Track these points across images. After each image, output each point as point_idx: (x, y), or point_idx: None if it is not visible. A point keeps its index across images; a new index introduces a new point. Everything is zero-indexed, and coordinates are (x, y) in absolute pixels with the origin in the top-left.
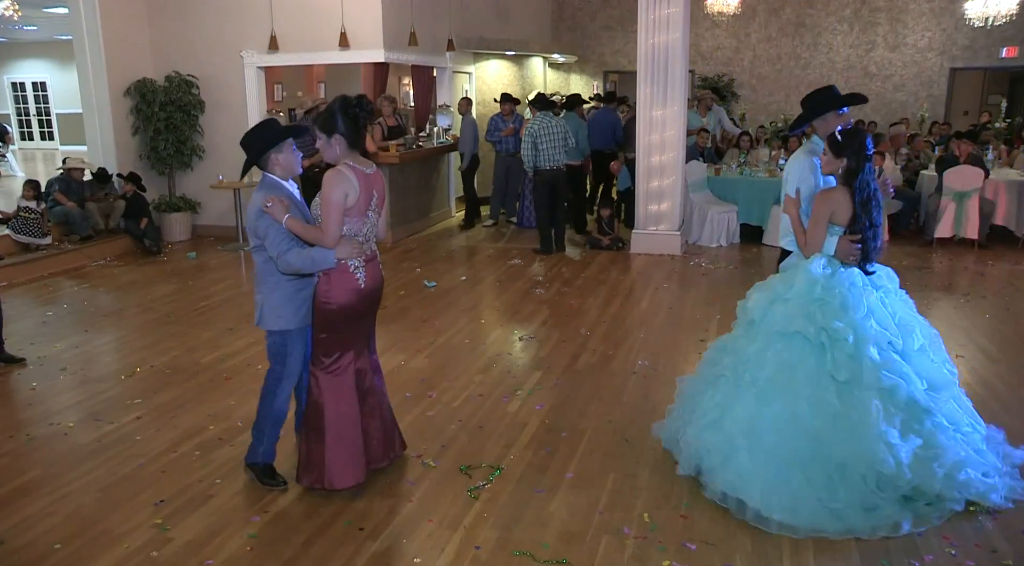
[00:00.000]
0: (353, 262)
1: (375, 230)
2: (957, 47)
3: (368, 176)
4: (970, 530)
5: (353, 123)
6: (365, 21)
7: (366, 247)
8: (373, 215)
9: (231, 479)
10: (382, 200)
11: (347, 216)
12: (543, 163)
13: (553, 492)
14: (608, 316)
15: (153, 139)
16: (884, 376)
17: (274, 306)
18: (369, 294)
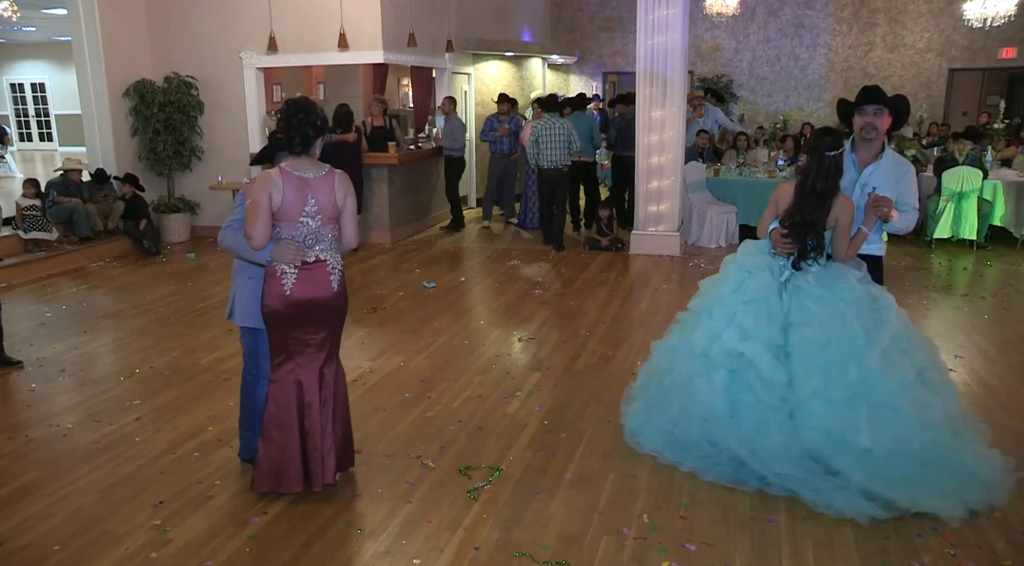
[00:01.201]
0: (282, 267)
1: (324, 237)
2: (956, 48)
3: (305, 180)
4: (970, 531)
5: (292, 129)
6: (364, 22)
7: (307, 254)
8: (311, 221)
9: (230, 480)
10: (329, 207)
11: (277, 219)
12: (544, 162)
13: (552, 493)
14: (607, 317)
15: (152, 140)
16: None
17: (244, 301)
18: (298, 304)
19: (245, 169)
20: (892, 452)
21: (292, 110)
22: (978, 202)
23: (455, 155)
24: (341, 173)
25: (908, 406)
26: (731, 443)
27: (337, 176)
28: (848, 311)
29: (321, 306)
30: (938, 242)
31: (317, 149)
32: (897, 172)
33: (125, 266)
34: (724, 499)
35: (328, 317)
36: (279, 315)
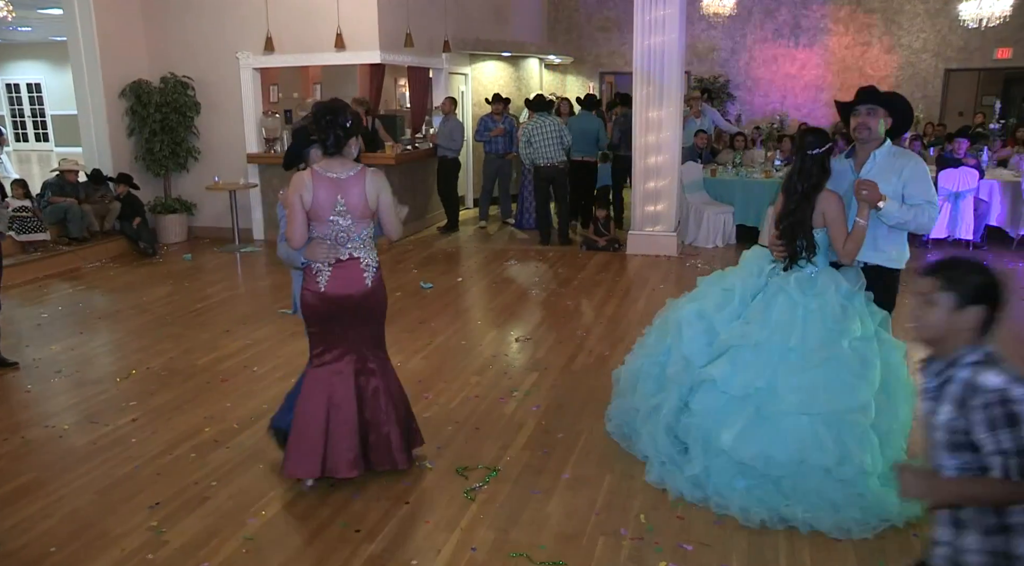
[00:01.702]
0: (317, 265)
1: (356, 235)
2: (951, 48)
3: (335, 181)
4: None
5: (322, 130)
6: (361, 22)
7: (340, 252)
8: (342, 220)
9: (227, 481)
10: (360, 206)
11: (310, 219)
12: (540, 160)
13: (550, 493)
14: (604, 317)
15: (148, 141)
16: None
17: (295, 296)
18: (333, 300)
19: (242, 169)
20: (765, 459)
21: (321, 112)
22: (974, 202)
23: (451, 156)
24: (374, 171)
25: (820, 429)
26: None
27: (369, 175)
28: (802, 319)
29: (355, 302)
30: (934, 242)
31: (353, 149)
32: (896, 165)
33: (122, 267)
34: None
35: (363, 312)
36: (316, 310)
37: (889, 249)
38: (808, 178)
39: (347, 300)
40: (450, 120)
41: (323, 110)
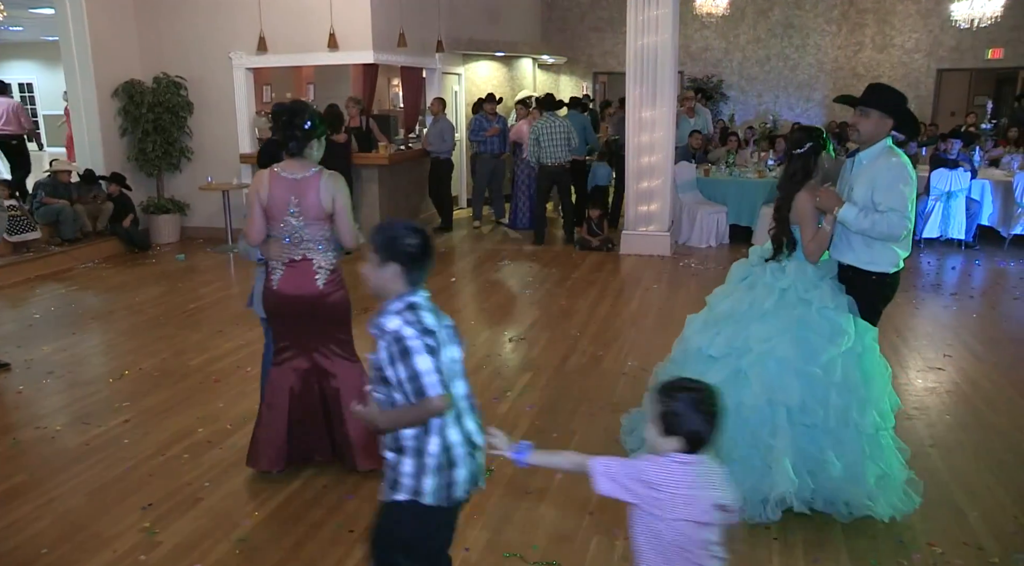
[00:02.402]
0: (272, 263)
1: (311, 237)
2: (944, 48)
3: (291, 181)
4: (958, 529)
5: (280, 131)
6: (354, 22)
7: (293, 252)
8: (294, 220)
9: (220, 482)
10: (313, 208)
11: (267, 218)
12: (546, 159)
13: (543, 493)
14: (598, 317)
15: (141, 141)
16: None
17: (257, 292)
18: (285, 298)
19: (235, 169)
20: (736, 405)
21: (278, 113)
22: (966, 202)
23: (443, 156)
24: (332, 174)
25: (786, 373)
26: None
27: (324, 177)
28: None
29: (307, 303)
30: (927, 241)
31: (315, 150)
32: (872, 170)
33: (114, 267)
34: None
35: (317, 314)
36: (270, 307)
37: (861, 251)
38: (792, 176)
39: (298, 300)
40: (440, 121)
41: (281, 111)
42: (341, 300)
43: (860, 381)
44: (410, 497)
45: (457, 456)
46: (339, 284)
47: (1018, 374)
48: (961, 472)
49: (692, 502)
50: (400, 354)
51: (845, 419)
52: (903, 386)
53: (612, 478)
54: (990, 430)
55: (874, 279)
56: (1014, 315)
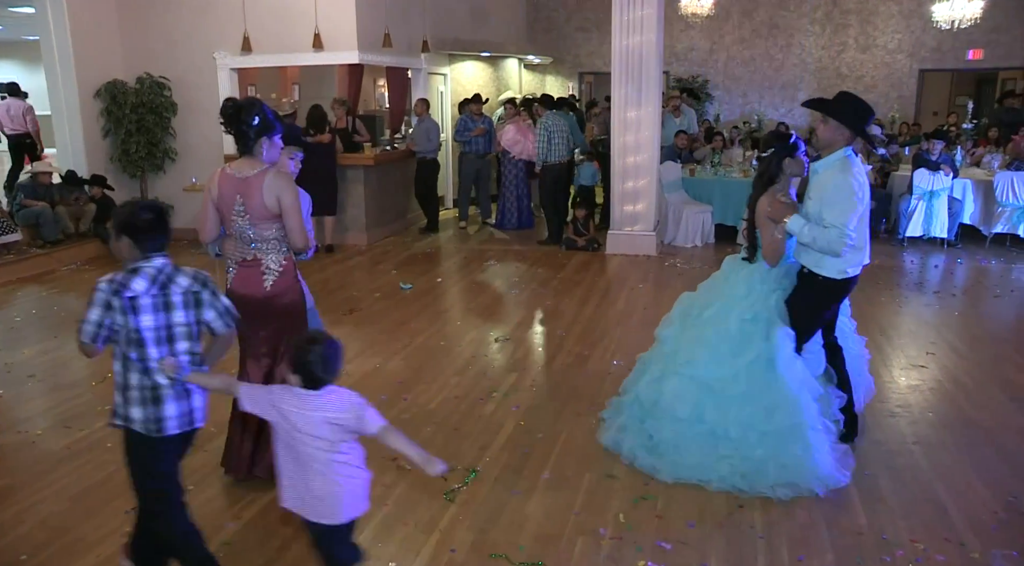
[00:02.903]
0: (227, 262)
1: (258, 237)
2: (925, 49)
3: (239, 180)
4: (939, 525)
5: (226, 126)
6: (339, 22)
7: (245, 251)
8: (240, 220)
9: (204, 485)
10: (257, 207)
11: (221, 216)
12: (553, 157)
13: (529, 493)
14: (584, 317)
15: (124, 141)
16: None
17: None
18: (236, 299)
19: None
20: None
21: (225, 108)
22: (948, 201)
23: (429, 156)
24: (277, 173)
25: (703, 393)
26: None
27: (269, 176)
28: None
29: (256, 303)
30: (910, 240)
31: (265, 149)
32: (822, 183)
33: (97, 269)
34: (700, 498)
35: (266, 316)
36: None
37: (813, 253)
38: (759, 177)
39: (248, 300)
40: (425, 121)
41: (228, 106)
42: (291, 303)
43: (765, 388)
44: (122, 423)
45: (163, 395)
46: (289, 286)
47: (1000, 371)
48: (944, 469)
49: (310, 421)
50: (194, 302)
51: (748, 426)
52: (887, 384)
53: (254, 401)
54: (972, 427)
55: (820, 281)
56: (995, 313)
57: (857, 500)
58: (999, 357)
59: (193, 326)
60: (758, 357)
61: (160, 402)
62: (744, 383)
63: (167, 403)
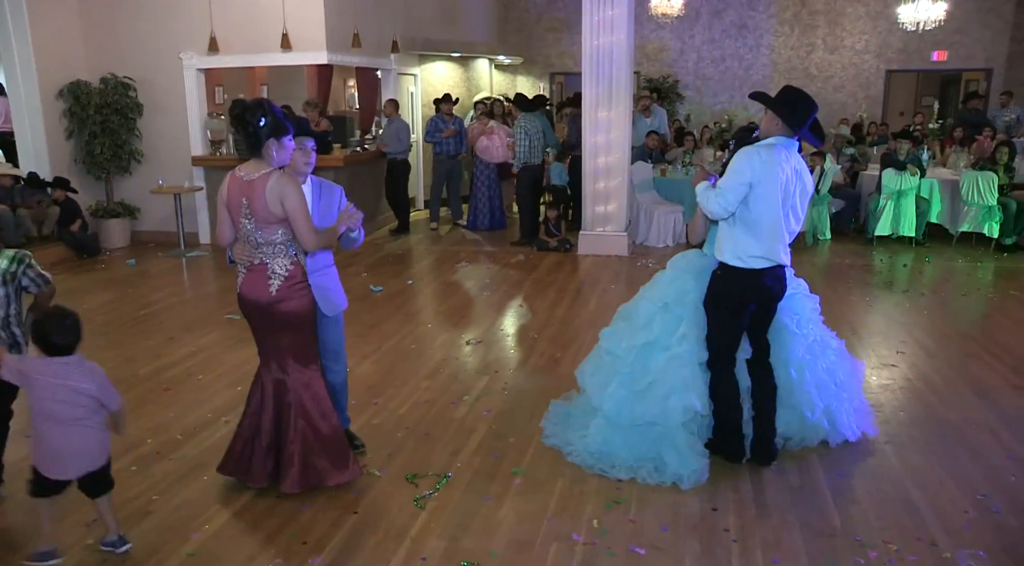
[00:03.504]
0: (239, 266)
1: (265, 240)
2: (892, 50)
3: (245, 182)
4: (911, 525)
5: (239, 129)
6: (307, 22)
7: (254, 255)
8: (248, 223)
9: (170, 495)
10: (261, 210)
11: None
12: (532, 159)
13: (501, 499)
14: (556, 319)
15: (88, 143)
16: None
17: None
18: (244, 302)
19: (187, 172)
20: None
21: (232, 108)
22: (916, 200)
23: (400, 157)
24: (281, 175)
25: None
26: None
27: (272, 179)
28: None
29: (261, 309)
30: (879, 239)
31: (274, 151)
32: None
33: (61, 273)
34: (673, 501)
35: (270, 321)
36: (240, 309)
37: (713, 239)
38: (723, 168)
39: (255, 305)
40: (395, 122)
41: (234, 107)
42: (297, 308)
43: (643, 375)
44: None
45: None
46: (296, 291)
47: (969, 370)
48: (915, 468)
49: (54, 388)
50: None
51: (619, 405)
52: None
53: (9, 370)
54: (943, 425)
55: (717, 272)
56: (963, 311)
57: (831, 501)
58: (968, 355)
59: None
60: (651, 344)
61: None
62: (630, 364)
63: None
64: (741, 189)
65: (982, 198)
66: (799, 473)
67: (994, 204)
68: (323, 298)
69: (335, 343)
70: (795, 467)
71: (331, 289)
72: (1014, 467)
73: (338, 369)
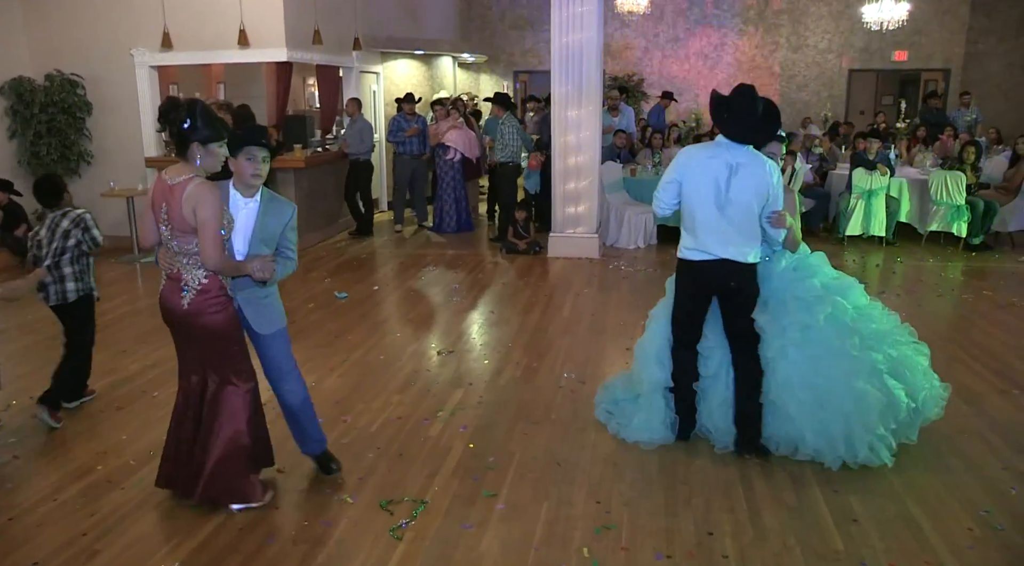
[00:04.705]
0: (162, 273)
1: (180, 250)
2: (854, 49)
3: (166, 186)
4: (916, 546)
5: (165, 128)
6: (265, 18)
7: (172, 263)
8: (165, 230)
9: (122, 530)
10: (176, 217)
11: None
12: (517, 157)
13: (483, 527)
14: (530, 325)
15: (34, 143)
16: None
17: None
18: (162, 310)
19: (140, 174)
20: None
21: (161, 106)
22: (886, 199)
23: (362, 158)
24: (201, 183)
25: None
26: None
27: (191, 185)
28: None
29: (175, 319)
30: (849, 239)
31: (199, 156)
32: None
33: (5, 281)
34: (666, 526)
35: (185, 333)
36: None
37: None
38: None
39: (170, 315)
40: (357, 121)
41: (162, 104)
42: (211, 324)
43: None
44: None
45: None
46: (210, 305)
47: (953, 375)
48: (911, 482)
49: None
50: None
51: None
52: None
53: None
54: (935, 436)
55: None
56: (941, 313)
57: (831, 521)
58: (951, 359)
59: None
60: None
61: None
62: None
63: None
64: (669, 187)
65: (951, 197)
66: (795, 490)
67: (963, 203)
68: (255, 314)
69: (278, 362)
70: (790, 484)
71: (266, 304)
72: (1011, 478)
73: (289, 388)
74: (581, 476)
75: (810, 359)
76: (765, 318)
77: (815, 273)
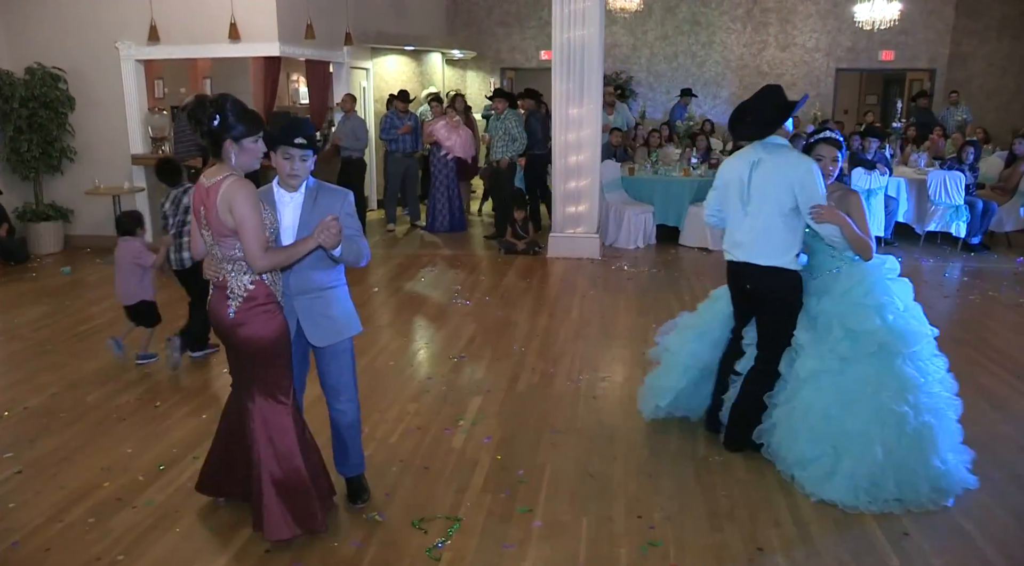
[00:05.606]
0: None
1: (224, 256)
2: (841, 49)
3: (203, 189)
4: (975, 561)
5: (195, 128)
6: (257, 12)
7: (219, 271)
8: (207, 235)
9: (138, 552)
10: (214, 221)
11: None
12: (516, 153)
13: (523, 546)
14: (539, 329)
15: (13, 139)
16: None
17: None
18: (211, 321)
19: (126, 172)
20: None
21: (186, 108)
22: (884, 199)
23: (356, 156)
24: (235, 180)
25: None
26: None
27: (225, 184)
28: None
29: (222, 331)
30: None
31: (233, 154)
32: None
33: None
34: (714, 542)
35: (232, 345)
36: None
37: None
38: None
39: (218, 326)
40: (351, 118)
41: (189, 102)
42: (256, 334)
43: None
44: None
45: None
46: (256, 315)
47: (974, 378)
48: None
49: None
50: None
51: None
52: None
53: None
54: (971, 443)
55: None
56: (950, 315)
57: (881, 535)
58: (970, 362)
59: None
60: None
61: None
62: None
63: None
64: (712, 195)
65: (950, 197)
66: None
67: (961, 203)
68: (312, 324)
69: (335, 378)
70: None
71: (327, 314)
72: None
73: (342, 408)
74: (617, 488)
75: (840, 393)
76: (807, 337)
77: (882, 310)
